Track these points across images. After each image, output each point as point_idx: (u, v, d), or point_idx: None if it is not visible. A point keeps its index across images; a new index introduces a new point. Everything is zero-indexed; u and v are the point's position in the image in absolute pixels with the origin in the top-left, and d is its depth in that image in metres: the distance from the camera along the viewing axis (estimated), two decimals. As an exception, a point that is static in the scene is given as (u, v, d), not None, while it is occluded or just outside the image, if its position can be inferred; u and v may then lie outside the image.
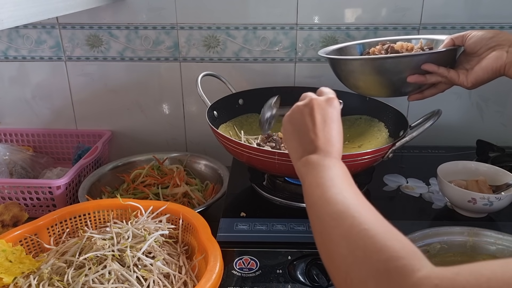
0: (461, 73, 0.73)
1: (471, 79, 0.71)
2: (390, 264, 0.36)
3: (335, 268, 0.41)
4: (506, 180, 0.79)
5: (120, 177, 1.01)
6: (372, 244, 0.38)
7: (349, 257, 0.39)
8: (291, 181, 0.85)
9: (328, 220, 0.44)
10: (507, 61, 0.66)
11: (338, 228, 0.42)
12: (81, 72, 1.12)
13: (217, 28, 1.06)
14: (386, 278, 0.36)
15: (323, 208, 0.46)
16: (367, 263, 0.38)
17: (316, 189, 0.49)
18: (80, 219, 0.75)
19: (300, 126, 0.57)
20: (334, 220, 0.43)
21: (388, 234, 0.39)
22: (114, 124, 1.18)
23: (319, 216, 0.46)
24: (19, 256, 0.65)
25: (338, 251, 0.41)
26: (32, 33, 1.09)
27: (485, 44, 0.69)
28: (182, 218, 0.73)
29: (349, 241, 0.40)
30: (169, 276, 0.63)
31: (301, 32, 1.06)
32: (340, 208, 0.44)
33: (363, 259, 0.38)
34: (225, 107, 0.96)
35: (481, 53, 0.70)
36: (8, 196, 0.92)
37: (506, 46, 0.67)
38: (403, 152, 1.03)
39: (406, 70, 0.75)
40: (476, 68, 0.70)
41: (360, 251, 0.39)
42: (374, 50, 0.86)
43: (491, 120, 1.12)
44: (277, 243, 0.69)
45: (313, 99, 0.58)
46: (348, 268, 0.39)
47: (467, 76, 0.71)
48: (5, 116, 1.19)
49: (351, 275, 0.38)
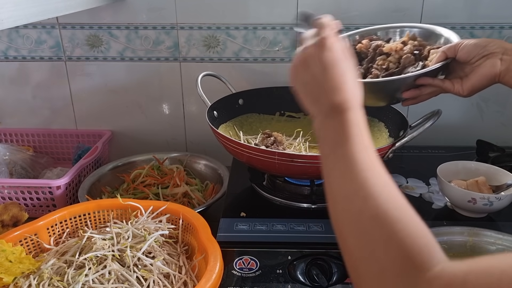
0: (455, 82, 0.72)
1: (466, 88, 0.71)
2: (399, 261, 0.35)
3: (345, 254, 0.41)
4: (506, 180, 0.79)
5: (120, 177, 1.01)
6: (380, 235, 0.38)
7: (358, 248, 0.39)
8: (291, 181, 0.85)
9: (339, 199, 0.43)
10: (501, 69, 0.67)
11: (349, 212, 0.41)
12: (81, 72, 1.12)
13: (217, 28, 1.06)
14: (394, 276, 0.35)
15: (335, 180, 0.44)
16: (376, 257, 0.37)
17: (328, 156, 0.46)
18: (80, 219, 0.75)
19: (304, 85, 0.52)
20: (347, 197, 0.42)
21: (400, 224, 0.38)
22: (114, 124, 1.18)
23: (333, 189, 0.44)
24: (19, 256, 0.65)
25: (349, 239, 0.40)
26: (32, 33, 1.09)
27: (478, 53, 0.68)
28: (182, 218, 0.73)
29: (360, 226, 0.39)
30: (169, 276, 0.63)
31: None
32: (354, 186, 0.42)
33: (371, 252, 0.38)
34: (225, 107, 0.96)
35: (474, 61, 0.69)
36: (8, 196, 0.92)
37: (499, 53, 0.67)
38: (403, 152, 1.03)
39: (399, 88, 0.74)
40: (471, 76, 0.70)
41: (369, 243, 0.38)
42: (361, 46, 0.81)
43: (491, 120, 1.12)
44: (277, 243, 0.69)
45: (302, 53, 0.52)
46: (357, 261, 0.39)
47: (462, 85, 0.71)
48: (5, 116, 1.19)
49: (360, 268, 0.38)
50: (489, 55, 0.68)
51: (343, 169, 0.43)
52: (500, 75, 0.67)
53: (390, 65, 0.76)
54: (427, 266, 0.34)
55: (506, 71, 0.66)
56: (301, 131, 0.95)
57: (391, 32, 0.85)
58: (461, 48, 0.70)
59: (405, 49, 0.77)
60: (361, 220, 0.39)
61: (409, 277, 0.34)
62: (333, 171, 0.45)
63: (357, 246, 0.39)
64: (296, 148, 0.90)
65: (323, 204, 0.80)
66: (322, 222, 0.74)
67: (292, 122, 1.03)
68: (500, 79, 0.68)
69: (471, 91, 0.71)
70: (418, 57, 0.75)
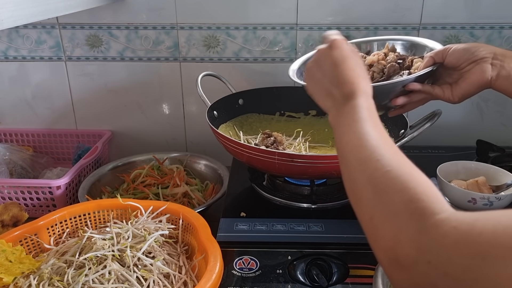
0: (445, 88, 0.70)
1: (457, 94, 0.69)
2: (411, 205, 0.38)
3: (361, 210, 0.43)
4: (506, 180, 0.79)
5: (120, 177, 1.01)
6: (394, 185, 0.40)
7: (373, 200, 0.42)
8: (291, 181, 0.85)
9: (355, 165, 0.46)
10: (492, 74, 0.65)
11: (364, 172, 0.44)
12: (81, 72, 1.12)
13: (217, 28, 1.06)
14: (407, 219, 0.37)
15: (350, 155, 0.47)
16: (390, 204, 0.40)
17: (343, 137, 0.50)
18: (80, 219, 0.75)
19: (317, 83, 0.58)
20: (361, 165, 0.45)
21: (411, 176, 0.41)
22: (114, 124, 1.18)
23: (348, 164, 0.47)
24: (19, 256, 0.65)
25: (364, 195, 0.43)
26: (32, 33, 1.09)
27: (467, 59, 0.67)
28: (182, 218, 0.73)
29: (374, 184, 0.42)
30: (169, 276, 0.63)
31: (301, 32, 1.06)
32: (366, 154, 0.45)
33: (386, 200, 0.40)
34: (225, 107, 0.96)
35: (463, 67, 0.67)
36: (8, 196, 0.92)
37: (489, 59, 0.66)
38: (403, 152, 1.02)
39: (389, 95, 0.72)
40: (461, 83, 0.68)
41: (383, 193, 0.41)
42: None
43: (491, 120, 1.12)
44: (277, 243, 0.69)
45: (317, 52, 0.59)
46: (372, 210, 0.41)
47: (452, 91, 0.70)
48: (5, 116, 1.19)
49: (376, 216, 0.41)
50: (478, 61, 0.66)
51: (356, 142, 0.47)
52: (491, 81, 0.66)
53: (374, 75, 0.75)
54: (437, 211, 0.36)
55: (497, 76, 0.65)
56: (301, 131, 0.95)
57: (374, 44, 0.85)
58: (450, 53, 0.68)
59: (387, 59, 0.77)
60: (376, 176, 0.43)
61: (421, 218, 0.36)
62: (347, 147, 0.49)
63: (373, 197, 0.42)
64: (296, 148, 0.90)
65: (323, 204, 0.80)
66: (322, 222, 0.74)
67: (292, 122, 1.03)
68: (491, 85, 0.66)
69: (461, 98, 0.69)
70: (402, 66, 0.74)
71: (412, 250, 0.36)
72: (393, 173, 0.41)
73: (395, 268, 0.37)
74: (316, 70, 0.58)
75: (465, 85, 0.68)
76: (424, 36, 1.04)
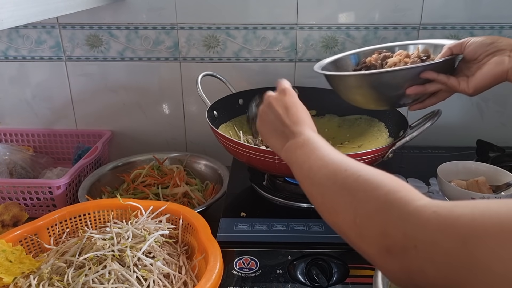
0: (461, 80, 0.70)
1: (472, 86, 0.69)
2: (389, 196, 0.40)
3: (340, 216, 0.45)
4: (506, 180, 0.79)
5: (120, 177, 1.01)
6: (370, 185, 0.43)
7: (352, 202, 0.43)
8: (291, 181, 0.85)
9: (324, 181, 0.48)
10: (509, 66, 0.65)
11: (336, 183, 0.46)
12: (81, 72, 1.12)
13: (217, 28, 1.06)
14: (388, 209, 0.39)
15: (316, 174, 0.50)
16: (370, 201, 0.41)
17: (304, 163, 0.53)
18: (80, 219, 0.75)
19: (269, 124, 0.63)
20: (330, 179, 0.47)
21: (382, 176, 0.43)
22: (114, 124, 1.18)
23: (315, 182, 0.50)
24: (19, 256, 0.65)
25: (341, 201, 0.45)
26: (32, 33, 1.09)
27: (485, 50, 0.67)
28: (182, 218, 0.73)
29: (349, 189, 0.44)
30: (169, 276, 0.63)
31: (301, 32, 1.06)
32: (332, 168, 0.48)
33: (365, 199, 0.42)
34: (225, 107, 0.96)
35: (481, 59, 0.68)
36: (8, 196, 0.92)
37: (507, 51, 0.65)
38: (403, 152, 1.03)
39: (404, 82, 0.72)
40: (478, 74, 0.68)
41: (361, 193, 0.43)
42: (371, 59, 0.83)
43: (491, 120, 1.12)
44: (277, 243, 0.69)
45: (268, 96, 0.65)
46: (354, 211, 0.43)
47: (468, 82, 0.69)
48: (5, 116, 1.19)
49: (358, 216, 0.42)
50: (496, 52, 0.66)
51: (320, 162, 0.50)
52: (508, 73, 0.65)
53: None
54: (416, 198, 0.38)
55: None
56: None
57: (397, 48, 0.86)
58: (468, 45, 0.69)
59: (411, 55, 0.78)
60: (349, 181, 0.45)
61: (402, 207, 0.38)
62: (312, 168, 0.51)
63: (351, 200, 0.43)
64: (296, 148, 0.90)
65: (323, 204, 0.80)
66: (322, 222, 0.74)
67: (292, 122, 1.03)
68: (508, 77, 0.66)
69: (477, 89, 0.69)
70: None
71: (399, 238, 0.37)
72: (365, 176, 0.44)
73: (386, 259, 0.38)
74: (270, 113, 0.63)
75: (481, 76, 0.68)
76: (424, 36, 1.04)
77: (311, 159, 0.52)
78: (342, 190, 0.45)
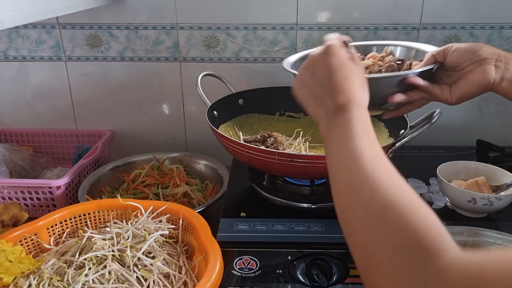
0: (443, 88, 0.66)
1: (456, 95, 0.66)
2: (412, 243, 0.34)
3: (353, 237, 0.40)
4: (506, 180, 0.79)
5: (120, 177, 1.01)
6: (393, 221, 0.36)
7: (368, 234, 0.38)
8: (291, 181, 0.85)
9: (348, 191, 0.42)
10: (495, 77, 0.62)
11: (356, 202, 0.41)
12: (81, 72, 1.12)
13: (217, 28, 1.06)
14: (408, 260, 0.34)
15: (340, 177, 0.44)
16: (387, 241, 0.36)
17: (335, 153, 0.47)
18: (80, 219, 0.75)
19: (309, 89, 0.54)
20: (354, 195, 0.41)
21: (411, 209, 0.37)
22: (114, 124, 1.18)
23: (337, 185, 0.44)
24: (19, 256, 0.65)
25: (358, 224, 0.39)
26: (32, 33, 1.09)
27: (469, 58, 0.63)
28: (182, 218, 0.73)
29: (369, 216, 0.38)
30: (169, 276, 0.63)
31: (301, 32, 1.06)
32: (358, 180, 0.41)
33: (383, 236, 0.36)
34: (225, 107, 0.96)
35: (464, 67, 0.64)
36: (8, 196, 0.92)
37: (492, 60, 0.62)
38: (403, 152, 1.03)
39: (386, 90, 0.67)
40: (462, 83, 0.65)
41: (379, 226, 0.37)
42: None
43: (491, 120, 1.12)
44: (277, 243, 0.69)
45: (310, 57, 0.55)
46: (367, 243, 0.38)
47: (451, 91, 0.66)
48: (5, 116, 1.19)
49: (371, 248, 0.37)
50: (481, 61, 0.63)
51: (349, 162, 0.44)
52: (494, 83, 0.63)
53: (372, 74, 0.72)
54: (442, 253, 0.33)
55: (501, 79, 0.62)
56: (301, 131, 0.95)
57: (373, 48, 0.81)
58: (452, 51, 0.65)
59: (386, 59, 0.74)
60: (371, 210, 0.39)
61: (425, 263, 0.33)
62: (339, 165, 0.45)
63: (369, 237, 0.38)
64: (296, 148, 0.90)
65: (323, 204, 0.80)
66: (322, 222, 0.74)
67: (292, 122, 1.03)
68: (493, 87, 0.64)
69: (460, 99, 0.66)
70: (400, 68, 0.72)
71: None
72: (391, 208, 0.37)
73: None
74: (309, 76, 0.53)
75: (465, 85, 0.65)
76: (424, 36, 1.04)
77: (342, 151, 0.45)
78: (362, 214, 0.39)
